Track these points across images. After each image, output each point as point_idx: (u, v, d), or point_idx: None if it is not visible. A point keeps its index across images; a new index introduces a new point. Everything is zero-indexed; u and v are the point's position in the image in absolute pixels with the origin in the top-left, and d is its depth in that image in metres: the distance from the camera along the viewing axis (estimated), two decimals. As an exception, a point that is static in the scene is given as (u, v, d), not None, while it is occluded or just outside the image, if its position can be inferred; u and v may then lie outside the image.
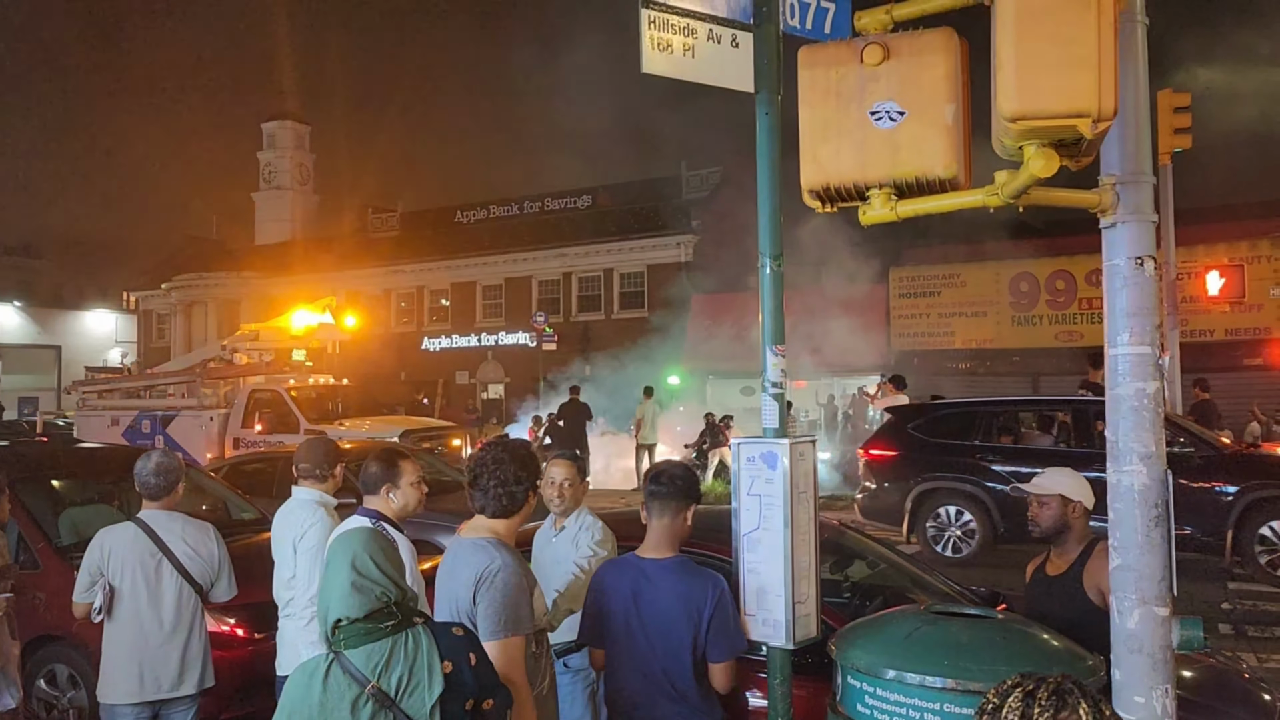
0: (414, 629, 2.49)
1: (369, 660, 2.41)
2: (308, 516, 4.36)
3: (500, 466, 3.12)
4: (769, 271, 3.36)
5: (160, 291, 44.60)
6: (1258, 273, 21.70)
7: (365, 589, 2.42)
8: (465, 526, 3.26)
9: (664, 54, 3.25)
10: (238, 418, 16.88)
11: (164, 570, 4.38)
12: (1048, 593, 3.84)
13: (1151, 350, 2.75)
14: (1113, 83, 2.29)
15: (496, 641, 2.90)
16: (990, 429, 11.81)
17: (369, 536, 2.56)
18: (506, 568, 2.99)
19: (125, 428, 17.78)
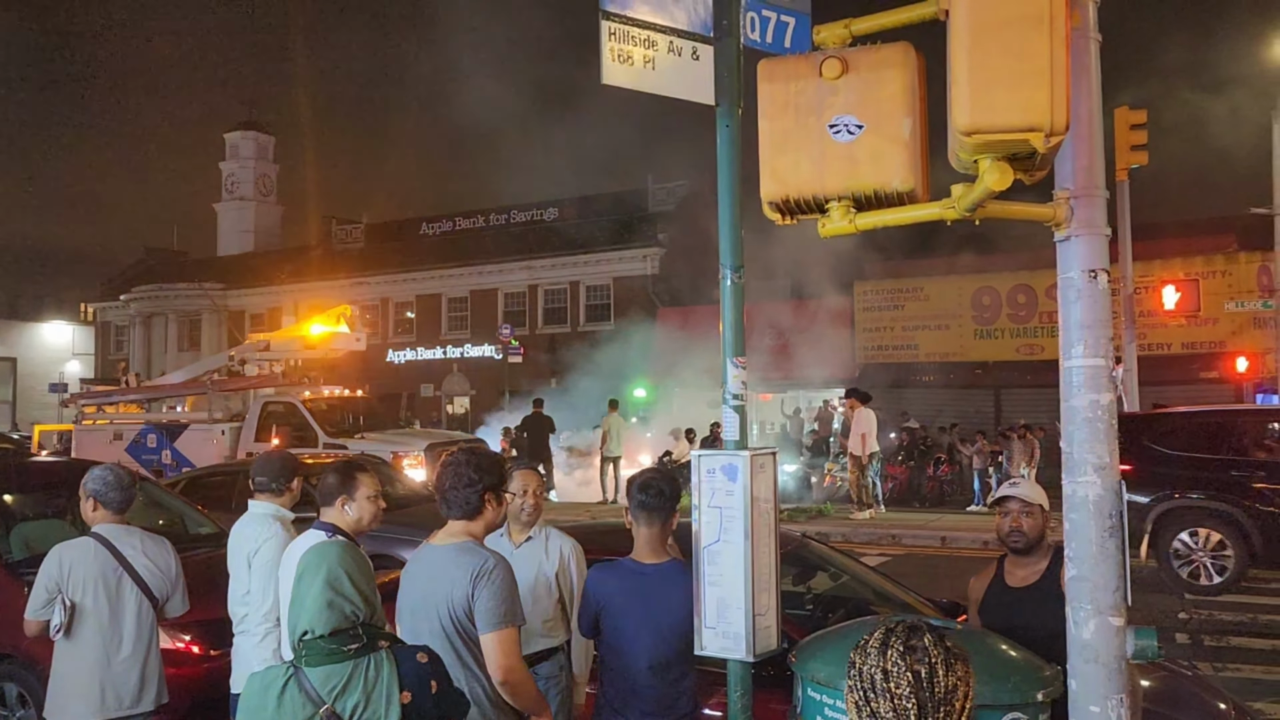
0: (377, 654, 2.48)
1: (327, 681, 2.40)
2: (263, 531, 4.30)
3: (457, 468, 3.31)
4: (730, 283, 3.37)
5: (119, 303, 43.97)
6: (1212, 287, 22.12)
7: (337, 605, 2.43)
8: (437, 535, 3.38)
9: (624, 66, 3.26)
10: (250, 431, 16.11)
11: (125, 585, 4.30)
12: (1017, 605, 3.79)
13: (1105, 362, 2.78)
14: (1065, 97, 2.31)
15: (498, 631, 3.11)
16: (1243, 441, 10.78)
17: (345, 552, 2.56)
18: (500, 565, 3.20)
19: (129, 442, 17.07)
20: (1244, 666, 7.56)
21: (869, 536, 14.51)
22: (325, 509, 3.95)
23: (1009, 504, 3.89)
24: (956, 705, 1.66)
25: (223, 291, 41.34)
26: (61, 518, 7.01)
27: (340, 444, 15.18)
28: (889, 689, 1.66)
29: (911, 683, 1.65)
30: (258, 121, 50.61)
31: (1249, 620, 9.10)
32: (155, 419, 17.50)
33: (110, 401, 18.99)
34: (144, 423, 17.49)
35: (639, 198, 33.89)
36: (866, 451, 16.71)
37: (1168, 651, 7.06)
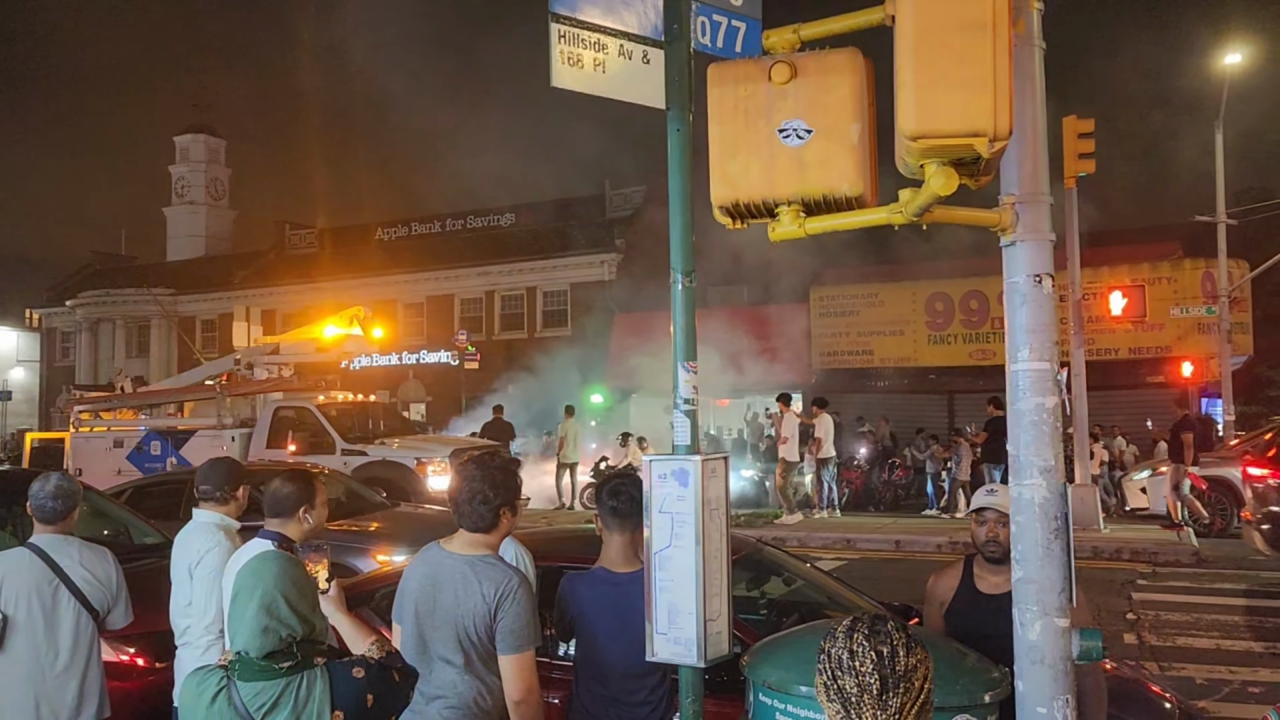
0: (311, 671, 2.47)
1: (257, 698, 2.40)
2: (205, 541, 4.21)
3: (473, 484, 3.23)
4: (681, 288, 3.36)
5: (65, 309, 43.05)
6: (1158, 293, 22.58)
7: (273, 630, 2.43)
8: (453, 541, 3.31)
9: (574, 69, 3.24)
10: (262, 437, 15.29)
11: (61, 597, 4.19)
12: (990, 612, 3.61)
13: (1050, 366, 2.81)
14: (1008, 103, 2.34)
15: (518, 655, 3.09)
16: None
17: (284, 571, 2.53)
18: (524, 585, 3.16)
19: (131, 449, 16.18)
20: (1189, 665, 7.70)
21: (824, 541, 14.61)
22: (280, 518, 3.87)
23: (985, 513, 3.80)
24: (916, 684, 1.78)
25: (173, 297, 40.63)
26: (2, 528, 6.83)
27: (359, 450, 14.55)
28: (854, 667, 1.79)
29: (875, 661, 1.78)
30: (209, 124, 49.87)
31: (1194, 620, 9.28)
32: (159, 425, 16.54)
33: (109, 407, 17.94)
34: (147, 429, 16.52)
35: (596, 204, 33.89)
36: (820, 456, 16.84)
37: (1116, 651, 7.18)
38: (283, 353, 16.83)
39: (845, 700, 1.78)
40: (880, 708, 1.76)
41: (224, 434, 15.58)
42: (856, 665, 1.79)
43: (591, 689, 3.49)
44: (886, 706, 1.76)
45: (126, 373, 24.31)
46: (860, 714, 1.76)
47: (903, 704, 1.76)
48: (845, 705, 1.78)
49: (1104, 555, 12.89)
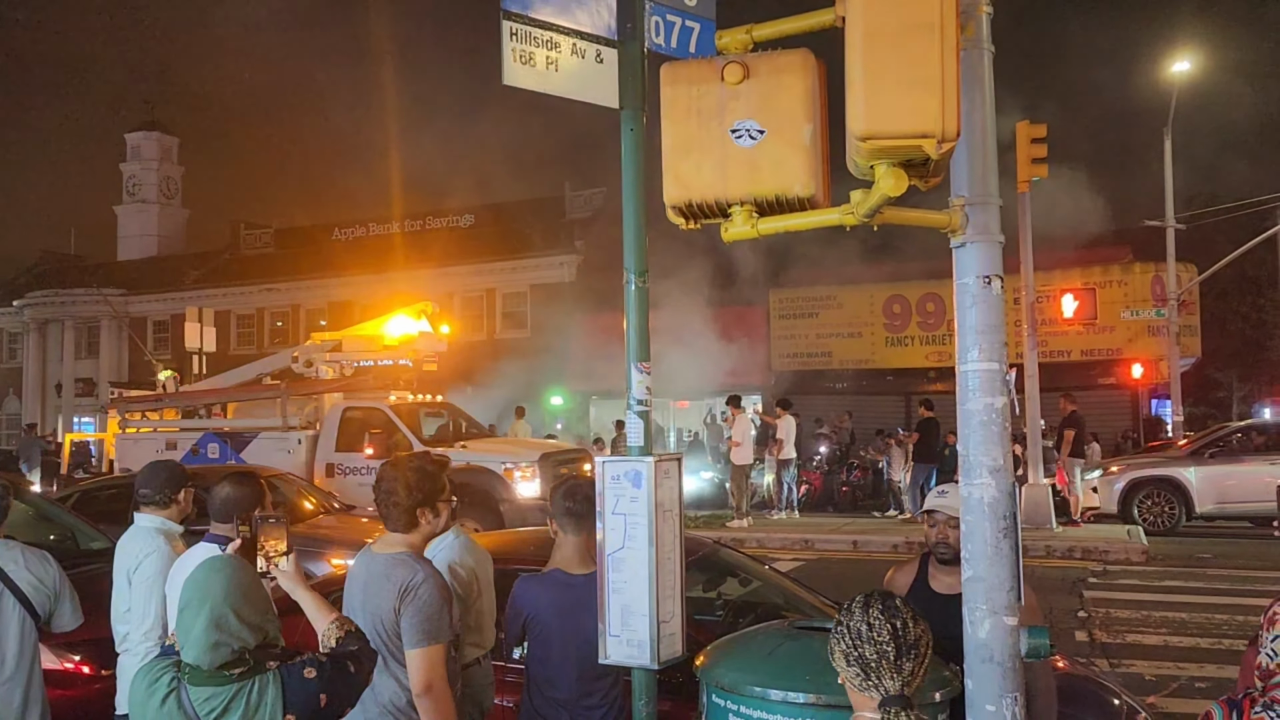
0: (263, 676, 2.46)
1: (207, 703, 2.39)
2: (145, 546, 4.12)
3: (389, 484, 3.25)
4: (634, 288, 3.35)
5: (12, 309, 42.10)
6: (1109, 296, 22.99)
7: (223, 644, 2.41)
8: (377, 541, 3.34)
9: (526, 67, 3.22)
10: (330, 440, 14.15)
11: (6, 603, 4.08)
12: (941, 611, 3.49)
13: (999, 366, 2.83)
14: (955, 105, 2.35)
15: (421, 649, 3.07)
16: None
17: (232, 581, 2.49)
18: (429, 580, 3.15)
19: (185, 452, 14.92)
20: (1138, 662, 7.83)
21: (783, 542, 14.68)
22: (229, 523, 3.79)
23: (935, 515, 3.79)
24: (922, 650, 2.13)
25: (123, 298, 39.90)
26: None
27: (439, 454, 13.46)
28: (873, 637, 2.10)
29: (890, 632, 2.11)
30: (161, 122, 49.07)
31: (1143, 617, 9.44)
32: (218, 426, 15.33)
33: (158, 407, 16.52)
34: (204, 430, 15.30)
35: (556, 205, 33.81)
36: (781, 457, 16.92)
37: (1067, 649, 7.28)
38: (345, 350, 15.37)
39: (865, 665, 2.10)
40: (896, 671, 2.08)
41: (290, 436, 14.39)
42: (875, 636, 2.10)
43: (545, 692, 3.47)
44: (901, 670, 2.08)
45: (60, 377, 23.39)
46: (880, 677, 2.08)
47: (914, 668, 2.10)
48: (865, 669, 2.10)
49: (1056, 554, 13.08)
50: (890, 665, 2.08)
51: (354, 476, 13.49)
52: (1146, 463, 16.12)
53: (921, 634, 2.14)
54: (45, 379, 41.34)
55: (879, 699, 2.07)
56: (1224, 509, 15.12)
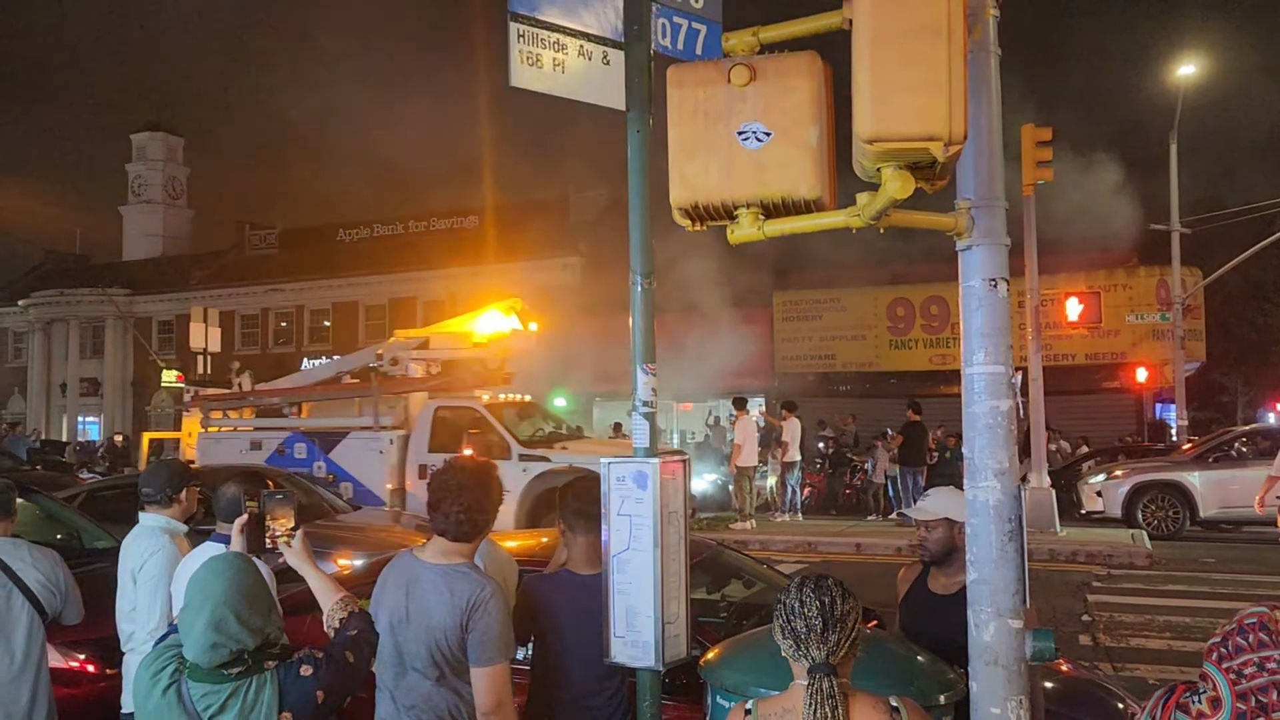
0: (261, 675, 2.49)
1: (205, 698, 2.43)
2: (149, 545, 4.13)
3: (464, 493, 3.11)
4: (640, 290, 3.36)
5: (17, 309, 42.25)
6: (1113, 300, 22.96)
7: (221, 646, 2.44)
8: (424, 549, 3.22)
9: (533, 69, 3.22)
10: (422, 441, 13.45)
11: (15, 601, 4.11)
12: (937, 611, 3.74)
13: (1005, 369, 2.83)
14: (962, 107, 2.35)
15: (490, 668, 3.02)
16: None
17: (233, 582, 2.50)
18: (496, 595, 3.07)
19: (271, 452, 14.32)
20: (1142, 666, 7.81)
21: (786, 544, 14.67)
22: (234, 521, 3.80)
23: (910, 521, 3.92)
24: (849, 625, 2.33)
25: (129, 298, 40.01)
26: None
27: (539, 455, 12.73)
28: (803, 612, 2.32)
29: (819, 608, 2.32)
30: (167, 122, 49.17)
31: (1147, 621, 9.42)
32: (307, 425, 14.56)
33: (242, 405, 15.84)
34: (291, 430, 14.53)
35: (560, 207, 33.84)
36: (786, 459, 16.92)
37: (1070, 652, 7.27)
38: (433, 348, 14.55)
39: (796, 637, 2.32)
40: (822, 642, 2.29)
41: (382, 436, 13.67)
42: (805, 611, 2.32)
43: (551, 692, 3.46)
44: (826, 641, 2.29)
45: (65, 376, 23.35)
46: (808, 647, 2.30)
47: (839, 639, 2.30)
48: (796, 641, 2.32)
49: (1060, 558, 13.06)
50: (817, 637, 2.29)
51: None
52: (1150, 467, 16.09)
53: (849, 610, 2.34)
54: (50, 378, 41.45)
55: (807, 667, 2.29)
56: (1227, 514, 15.09)
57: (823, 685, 2.24)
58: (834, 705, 2.22)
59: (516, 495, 12.10)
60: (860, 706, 2.28)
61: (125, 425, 39.53)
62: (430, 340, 14.65)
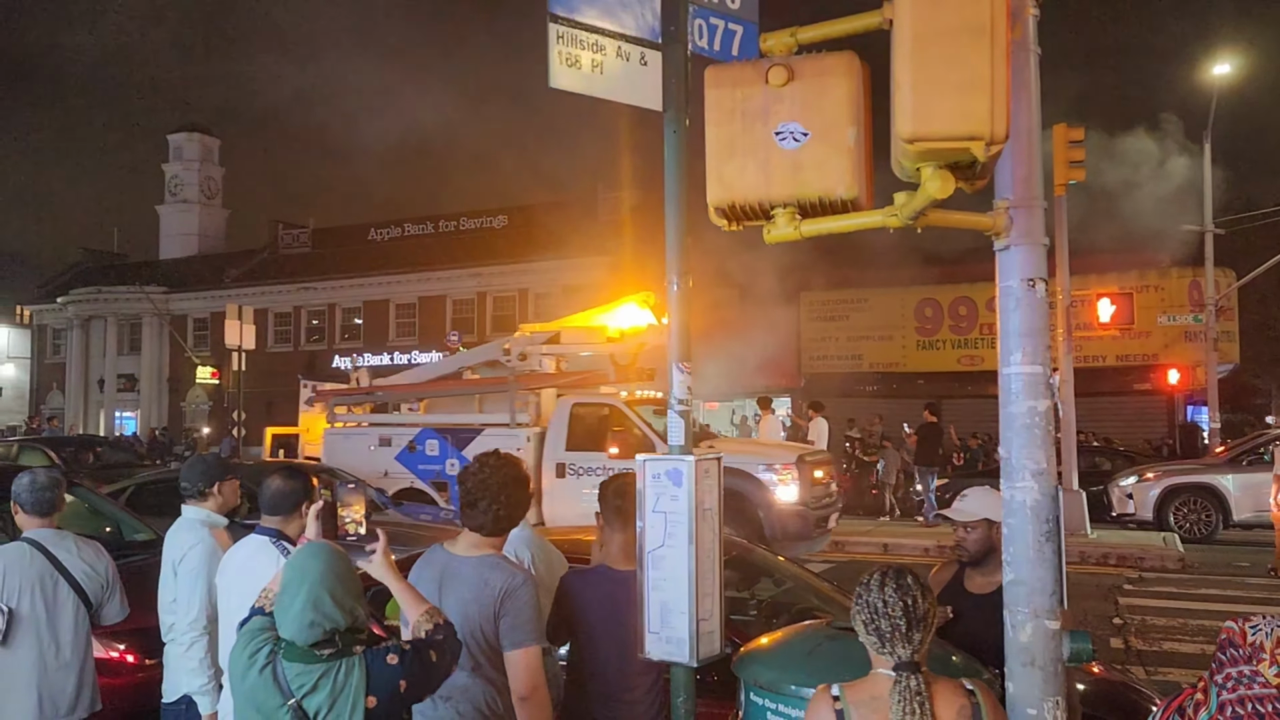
0: (350, 659, 2.60)
1: (299, 678, 2.55)
2: (189, 538, 4.21)
3: (501, 490, 3.22)
4: (676, 289, 3.37)
5: (56, 306, 42.90)
6: (1145, 301, 22.71)
7: (318, 624, 2.56)
8: (455, 543, 3.31)
9: (572, 69, 3.25)
10: (559, 438, 12.76)
11: (61, 591, 4.21)
12: (972, 611, 3.73)
13: (1043, 369, 2.83)
14: (1005, 107, 2.36)
15: (523, 650, 3.09)
16: None
17: (328, 565, 2.62)
18: (528, 583, 3.18)
19: (401, 449, 13.79)
20: (1175, 670, 7.74)
21: (814, 544, 14.60)
22: (280, 515, 3.83)
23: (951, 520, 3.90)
24: (930, 622, 2.45)
25: (165, 295, 40.52)
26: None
27: None
28: (888, 613, 2.42)
29: (903, 608, 2.42)
30: (202, 123, 49.72)
31: (1179, 625, 9.33)
32: (439, 422, 13.96)
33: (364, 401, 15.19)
34: (422, 426, 13.92)
35: (588, 207, 33.92)
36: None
37: (1102, 656, 7.22)
38: (564, 342, 13.79)
39: (881, 635, 2.42)
40: (907, 641, 2.40)
41: (518, 433, 12.91)
42: (889, 611, 2.42)
43: (588, 686, 3.49)
44: (911, 640, 2.40)
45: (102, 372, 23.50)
46: (894, 645, 2.40)
47: (922, 638, 2.42)
48: (881, 639, 2.42)
49: (1091, 560, 12.96)
50: (902, 636, 2.40)
51: (589, 477, 12.14)
52: (1183, 469, 15.92)
53: (929, 608, 2.45)
54: (88, 374, 42.07)
55: (893, 663, 2.39)
56: (1262, 516, 14.90)
57: (910, 684, 2.35)
58: (921, 702, 2.33)
59: None
60: (941, 693, 2.39)
61: (161, 421, 40.07)
62: (560, 335, 13.89)
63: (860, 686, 2.46)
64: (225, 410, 33.02)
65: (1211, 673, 2.27)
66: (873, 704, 2.40)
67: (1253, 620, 2.27)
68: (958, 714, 2.38)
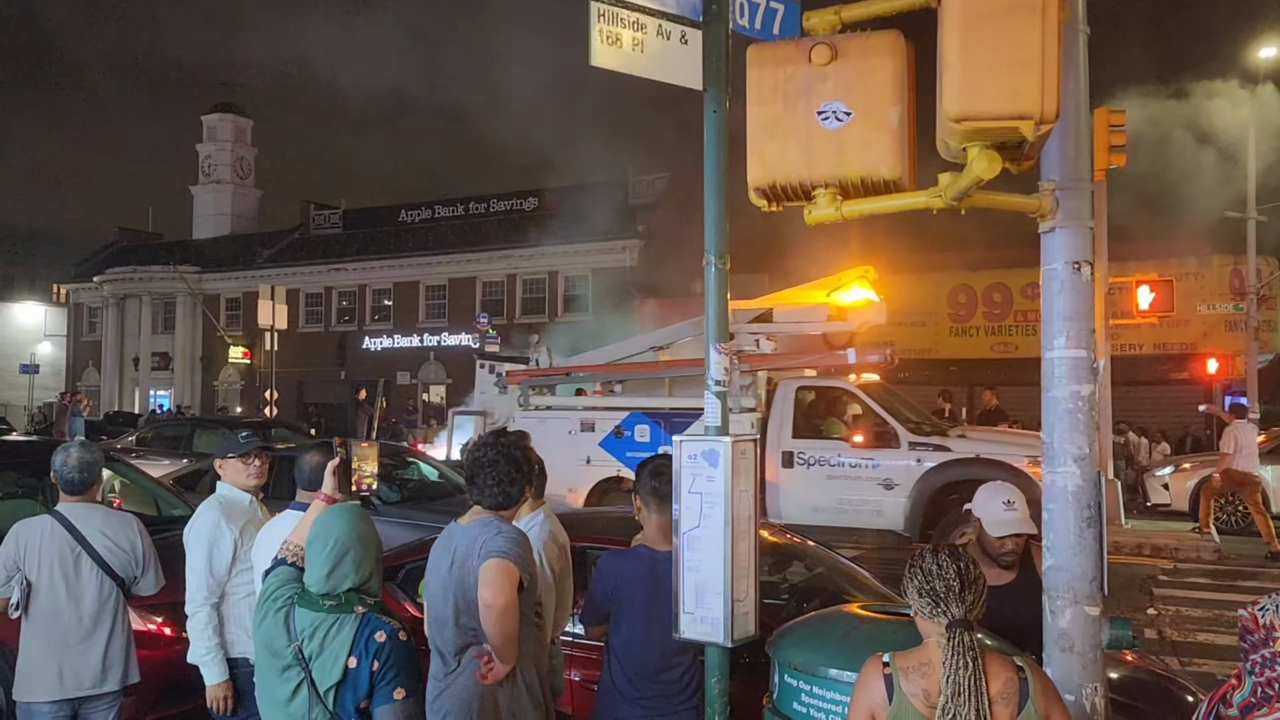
0: (346, 615, 2.75)
1: (303, 622, 2.75)
2: (199, 512, 4.34)
3: (495, 466, 3.30)
4: (714, 270, 3.36)
5: (92, 285, 43.44)
6: (1185, 289, 22.32)
7: (334, 577, 2.77)
8: (465, 517, 3.42)
9: (613, 48, 3.24)
10: (784, 424, 11.53)
11: (83, 564, 4.24)
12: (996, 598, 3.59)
13: (1087, 354, 2.80)
14: (1055, 86, 2.32)
15: (494, 560, 3.10)
16: None
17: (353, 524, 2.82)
18: (515, 529, 3.30)
19: (606, 434, 12.38)
20: (1209, 661, 7.66)
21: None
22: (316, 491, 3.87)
23: None
24: (980, 585, 2.50)
25: (198, 275, 40.95)
26: (32, 497, 6.92)
27: (934, 444, 10.91)
28: (942, 575, 2.49)
29: (956, 571, 2.49)
30: (235, 104, 50.04)
31: (1215, 616, 9.22)
32: (650, 406, 12.46)
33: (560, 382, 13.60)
34: (632, 409, 12.44)
35: (619, 189, 33.85)
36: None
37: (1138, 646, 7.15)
38: (777, 320, 12.19)
39: (935, 596, 2.48)
40: (960, 600, 2.45)
41: (743, 418, 11.38)
42: (943, 574, 2.49)
43: (626, 665, 3.51)
44: (964, 600, 2.45)
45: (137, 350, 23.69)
46: (948, 604, 2.45)
47: (975, 599, 2.47)
48: (935, 599, 2.47)
49: (1125, 550, 12.82)
50: (956, 596, 2.46)
51: (821, 468, 11.20)
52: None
53: (979, 574, 2.54)
54: (123, 352, 42.64)
55: (946, 623, 2.45)
56: (1303, 508, 14.68)
57: (964, 639, 2.40)
58: (974, 656, 2.38)
59: (907, 490, 10.67)
60: (991, 663, 2.44)
61: (195, 399, 40.56)
62: (773, 312, 12.25)
63: (911, 654, 2.52)
64: (258, 390, 33.39)
65: (1241, 661, 2.33)
66: (922, 669, 2.46)
67: (1260, 603, 2.31)
68: (1004, 685, 2.40)
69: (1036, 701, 2.40)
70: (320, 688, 2.70)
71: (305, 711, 2.71)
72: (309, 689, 2.71)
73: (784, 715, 3.23)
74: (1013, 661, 2.47)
